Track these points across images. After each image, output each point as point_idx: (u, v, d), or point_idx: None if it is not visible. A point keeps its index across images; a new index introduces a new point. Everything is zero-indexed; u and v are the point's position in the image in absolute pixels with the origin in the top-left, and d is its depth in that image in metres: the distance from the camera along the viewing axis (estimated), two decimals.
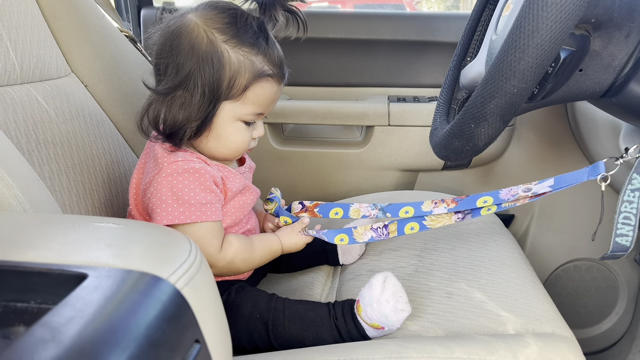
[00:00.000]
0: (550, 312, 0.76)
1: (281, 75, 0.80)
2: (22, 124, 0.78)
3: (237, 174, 0.85)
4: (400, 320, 0.73)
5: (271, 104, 0.81)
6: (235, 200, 0.84)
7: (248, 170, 0.91)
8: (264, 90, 0.78)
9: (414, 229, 0.85)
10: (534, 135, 1.38)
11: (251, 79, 0.76)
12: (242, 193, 0.86)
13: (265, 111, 0.82)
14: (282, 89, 0.83)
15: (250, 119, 0.80)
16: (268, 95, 0.79)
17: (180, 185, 0.74)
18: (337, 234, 0.86)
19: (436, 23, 1.42)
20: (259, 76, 0.76)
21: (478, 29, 0.92)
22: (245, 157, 0.94)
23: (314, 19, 1.47)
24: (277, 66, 0.79)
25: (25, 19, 0.88)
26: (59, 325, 0.31)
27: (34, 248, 0.41)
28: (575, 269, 1.40)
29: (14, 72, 0.82)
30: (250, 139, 0.82)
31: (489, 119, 0.61)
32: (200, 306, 0.40)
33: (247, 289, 0.81)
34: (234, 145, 0.81)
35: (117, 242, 0.45)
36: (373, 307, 0.72)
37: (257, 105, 0.79)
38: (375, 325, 0.73)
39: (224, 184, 0.81)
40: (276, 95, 0.81)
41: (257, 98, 0.78)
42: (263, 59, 0.77)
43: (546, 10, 0.52)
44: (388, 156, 1.36)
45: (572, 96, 0.71)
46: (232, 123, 0.79)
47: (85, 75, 1.01)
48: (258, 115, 0.81)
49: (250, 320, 0.76)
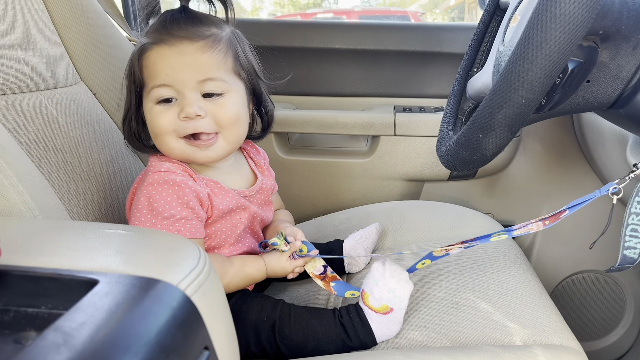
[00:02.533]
0: (557, 324, 0.75)
1: (163, 37, 0.75)
2: (32, 131, 0.79)
3: (231, 192, 0.82)
4: (407, 295, 0.73)
5: (164, 69, 0.75)
6: (227, 220, 0.82)
7: (257, 192, 0.88)
8: (149, 60, 0.76)
9: (425, 264, 0.84)
10: (540, 146, 1.38)
11: (137, 56, 0.78)
12: (236, 212, 0.83)
13: (165, 80, 0.75)
14: (180, 49, 0.75)
15: (158, 95, 0.75)
16: (154, 62, 0.76)
17: (157, 197, 0.74)
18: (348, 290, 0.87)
19: (442, 34, 1.42)
20: (141, 51, 0.77)
21: (485, 40, 0.92)
22: (258, 175, 0.90)
23: (321, 29, 1.48)
24: (156, 31, 0.77)
25: (36, 27, 0.89)
26: (71, 330, 0.31)
27: (45, 254, 0.41)
28: (581, 280, 1.39)
29: (24, 80, 0.83)
30: (176, 119, 0.75)
31: (496, 129, 0.61)
32: (209, 313, 0.40)
33: (252, 294, 0.82)
34: (158, 131, 0.77)
35: (126, 248, 0.45)
36: (379, 285, 0.73)
37: (152, 78, 0.76)
38: (384, 308, 0.73)
39: (210, 200, 0.78)
40: (167, 59, 0.75)
41: (149, 71, 0.76)
42: (150, 33, 0.77)
43: (555, 22, 0.53)
44: (394, 166, 1.36)
45: (579, 107, 0.71)
46: (150, 109, 0.77)
47: (94, 84, 1.02)
48: (165, 88, 0.75)
49: (257, 323, 0.76)
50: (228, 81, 0.78)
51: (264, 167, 0.94)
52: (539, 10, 0.54)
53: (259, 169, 0.92)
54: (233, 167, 0.88)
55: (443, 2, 13.37)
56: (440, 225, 1.08)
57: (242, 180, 0.88)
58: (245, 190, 0.86)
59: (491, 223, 1.10)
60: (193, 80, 0.75)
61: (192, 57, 0.75)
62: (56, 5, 0.98)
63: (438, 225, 1.08)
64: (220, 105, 0.77)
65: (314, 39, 1.45)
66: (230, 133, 0.80)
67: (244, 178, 0.89)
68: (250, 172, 0.91)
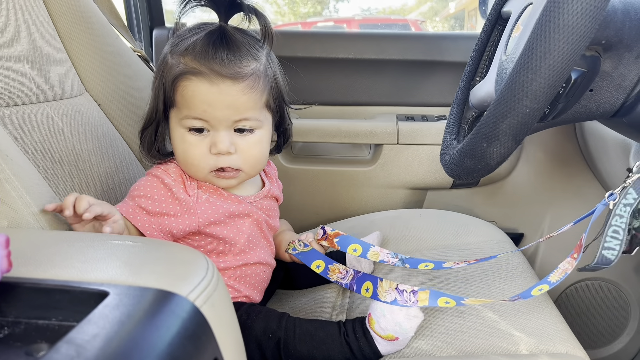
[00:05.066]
0: (563, 332, 0.75)
1: (204, 72, 0.73)
2: (38, 142, 0.79)
3: (232, 197, 0.83)
4: (414, 328, 0.73)
5: (202, 105, 0.74)
6: (229, 224, 0.82)
7: (263, 198, 0.89)
8: (187, 90, 0.75)
9: (449, 304, 0.74)
10: (543, 154, 1.38)
11: (171, 79, 0.76)
12: (239, 217, 0.83)
13: (202, 115, 0.75)
14: (222, 88, 0.74)
15: (191, 124, 0.76)
16: (192, 94, 0.74)
17: (140, 183, 0.78)
18: (352, 242, 0.90)
19: (444, 43, 1.43)
20: (178, 76, 0.75)
21: (487, 49, 0.93)
22: (266, 182, 0.92)
23: (324, 39, 1.49)
24: (196, 59, 0.74)
25: (42, 39, 0.90)
26: (83, 342, 0.31)
27: (55, 266, 0.41)
28: (585, 288, 1.39)
29: (30, 91, 0.84)
30: (207, 152, 0.77)
31: (501, 138, 0.62)
32: (218, 324, 0.41)
33: (257, 309, 0.81)
34: (191, 162, 0.78)
35: (135, 260, 0.45)
36: (386, 317, 0.72)
37: (186, 108, 0.75)
38: (389, 337, 0.73)
39: (194, 210, 0.78)
40: (206, 96, 0.74)
41: (184, 99, 0.75)
42: (190, 59, 0.74)
43: (558, 32, 0.53)
44: (397, 174, 1.36)
45: (582, 116, 0.71)
46: (177, 129, 0.78)
47: (98, 94, 1.03)
48: (200, 121, 0.76)
49: (261, 339, 0.76)
50: (260, 118, 0.79)
51: (272, 177, 0.96)
52: (543, 20, 0.55)
53: (268, 178, 0.94)
54: None
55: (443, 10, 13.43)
56: (444, 234, 1.08)
57: (251, 188, 0.89)
58: (251, 196, 0.87)
59: (495, 231, 1.10)
60: (230, 119, 0.76)
61: (233, 98, 0.75)
62: (61, 17, 0.98)
63: (442, 233, 1.08)
64: (249, 143, 0.79)
65: (316, 49, 1.46)
66: (252, 169, 0.82)
67: (254, 185, 0.90)
68: (259, 179, 0.93)
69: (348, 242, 0.91)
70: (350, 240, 0.92)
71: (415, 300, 0.74)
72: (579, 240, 0.71)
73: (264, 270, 0.88)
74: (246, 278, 0.84)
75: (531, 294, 0.72)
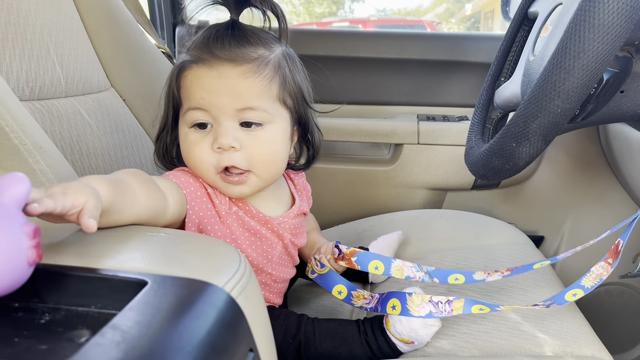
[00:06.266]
0: (588, 335, 0.75)
1: (204, 57, 0.69)
2: (67, 136, 0.80)
3: (259, 215, 0.76)
4: (429, 335, 0.72)
5: (200, 91, 0.69)
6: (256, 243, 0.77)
7: (292, 217, 0.82)
8: (187, 80, 0.71)
9: (483, 310, 0.73)
10: (565, 157, 1.37)
11: (176, 74, 0.72)
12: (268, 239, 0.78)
13: (200, 103, 0.69)
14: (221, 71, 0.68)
15: (192, 118, 0.70)
16: (191, 82, 0.70)
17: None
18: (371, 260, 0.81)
19: (467, 43, 1.43)
20: (180, 68, 0.72)
21: (512, 50, 0.93)
22: (296, 199, 0.85)
23: (344, 38, 1.49)
24: (198, 47, 0.70)
25: (70, 34, 0.91)
26: (127, 329, 0.32)
27: (93, 255, 0.42)
28: (606, 293, 1.37)
29: (59, 85, 0.85)
30: (210, 150, 0.70)
31: (531, 138, 0.61)
32: (252, 315, 0.41)
33: (276, 312, 0.79)
34: (193, 163, 0.71)
35: (170, 251, 0.46)
36: (402, 322, 0.72)
37: (187, 99, 0.71)
38: (405, 340, 0.73)
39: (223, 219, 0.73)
40: (204, 80, 0.69)
41: (185, 91, 0.71)
42: (193, 49, 0.71)
43: (593, 32, 0.53)
44: (416, 174, 1.36)
45: (612, 117, 0.71)
46: (182, 128, 0.73)
47: (123, 90, 1.04)
48: (200, 112, 0.69)
49: (282, 345, 0.75)
50: (270, 111, 0.71)
51: (302, 189, 0.90)
52: (577, 20, 0.55)
53: (298, 192, 0.87)
54: (272, 192, 0.80)
55: (459, 11, 13.35)
56: (464, 235, 1.07)
57: (279, 206, 0.82)
58: (279, 217, 0.80)
59: (516, 233, 1.10)
60: (231, 107, 0.68)
61: (233, 82, 0.68)
62: (89, 13, 1.00)
63: (462, 234, 1.08)
64: (256, 139, 0.70)
65: (337, 48, 1.46)
66: (264, 172, 0.73)
67: (283, 202, 0.83)
68: (289, 195, 0.86)
69: (367, 259, 0.82)
70: (370, 257, 0.83)
71: (451, 309, 0.72)
72: (613, 245, 0.70)
73: (283, 286, 0.86)
74: (266, 288, 0.82)
75: (565, 299, 0.71)
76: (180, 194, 0.66)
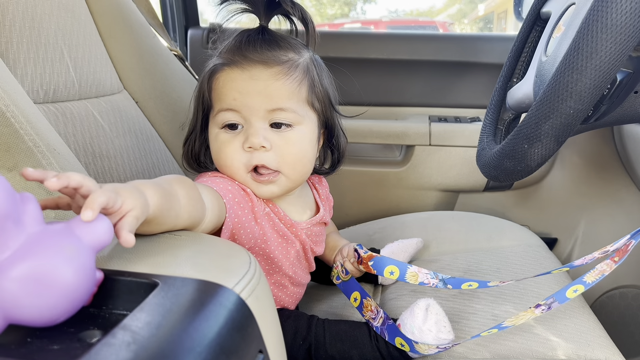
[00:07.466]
0: (602, 338, 0.74)
1: (236, 60, 0.71)
2: (80, 138, 0.81)
3: (285, 218, 0.77)
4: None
5: (232, 92, 0.71)
6: (281, 245, 0.78)
7: (314, 224, 0.84)
8: (219, 82, 0.73)
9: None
10: (579, 158, 1.36)
11: (207, 77, 0.74)
12: (289, 242, 0.79)
13: (232, 104, 0.71)
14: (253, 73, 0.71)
15: (224, 119, 0.72)
16: (223, 84, 0.72)
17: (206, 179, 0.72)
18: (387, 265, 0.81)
19: (479, 44, 1.42)
20: (213, 71, 0.74)
21: (525, 50, 0.92)
22: (320, 207, 0.86)
23: (356, 39, 1.49)
24: (230, 51, 0.73)
25: (84, 37, 0.92)
26: (138, 329, 0.32)
27: (104, 256, 0.42)
28: (621, 296, 1.35)
29: (73, 88, 0.86)
30: (241, 149, 0.71)
31: (543, 139, 0.61)
32: (262, 317, 0.41)
33: (286, 313, 0.80)
34: (224, 162, 0.73)
35: (181, 252, 0.46)
36: (414, 334, 0.71)
37: (218, 101, 0.73)
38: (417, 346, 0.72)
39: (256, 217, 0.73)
40: (236, 82, 0.71)
41: (217, 93, 0.73)
42: (225, 53, 0.73)
43: (606, 32, 0.52)
44: (428, 176, 1.36)
45: (626, 118, 0.70)
46: (212, 129, 0.74)
47: (136, 92, 1.05)
48: (231, 113, 0.71)
49: (292, 347, 0.76)
50: (299, 112, 0.73)
51: (325, 200, 0.91)
52: (589, 20, 0.54)
53: (322, 201, 0.88)
54: (298, 198, 0.82)
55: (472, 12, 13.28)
56: (477, 237, 1.07)
57: (304, 212, 0.84)
58: (303, 222, 0.81)
59: (529, 235, 1.09)
60: (262, 108, 0.70)
61: (264, 83, 0.70)
62: (102, 16, 1.01)
63: (475, 236, 1.07)
64: (286, 139, 0.72)
65: (349, 49, 1.46)
66: (293, 172, 0.74)
67: (307, 209, 0.85)
68: (313, 202, 0.87)
69: (383, 264, 0.82)
70: (386, 262, 0.82)
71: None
72: (625, 245, 0.69)
73: (299, 291, 0.86)
74: (283, 290, 0.82)
75: (566, 295, 0.70)
76: (221, 203, 0.66)
